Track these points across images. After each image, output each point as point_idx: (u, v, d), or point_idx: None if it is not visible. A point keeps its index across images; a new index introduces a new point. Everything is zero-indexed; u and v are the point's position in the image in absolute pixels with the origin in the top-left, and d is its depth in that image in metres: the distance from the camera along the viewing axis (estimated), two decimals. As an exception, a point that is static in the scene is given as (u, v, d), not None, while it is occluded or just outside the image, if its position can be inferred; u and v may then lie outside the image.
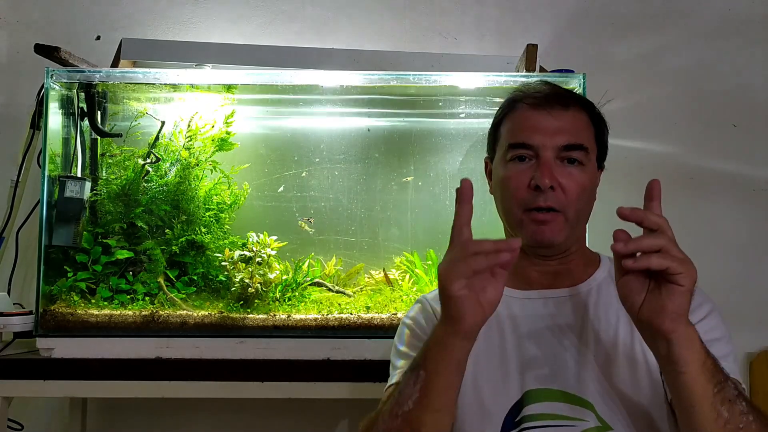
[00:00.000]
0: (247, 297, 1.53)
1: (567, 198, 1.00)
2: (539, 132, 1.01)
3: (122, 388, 1.46)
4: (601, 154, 1.08)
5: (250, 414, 1.85)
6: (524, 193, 1.01)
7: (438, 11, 1.94)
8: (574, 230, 1.03)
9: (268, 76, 1.64)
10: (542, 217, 0.99)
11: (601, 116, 1.10)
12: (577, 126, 1.03)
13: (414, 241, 1.73)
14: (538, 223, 1.00)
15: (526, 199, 1.00)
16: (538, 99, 1.04)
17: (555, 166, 1.00)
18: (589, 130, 1.05)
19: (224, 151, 1.67)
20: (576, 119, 1.04)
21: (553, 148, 1.00)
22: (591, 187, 1.04)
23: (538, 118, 1.02)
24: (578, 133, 1.03)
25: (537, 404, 0.95)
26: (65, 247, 1.55)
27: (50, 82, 1.55)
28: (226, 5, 1.94)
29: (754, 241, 1.88)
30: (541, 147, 1.00)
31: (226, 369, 1.44)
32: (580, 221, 1.04)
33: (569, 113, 1.03)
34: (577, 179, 1.01)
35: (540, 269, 1.07)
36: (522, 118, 1.04)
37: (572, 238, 1.04)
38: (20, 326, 1.50)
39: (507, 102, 1.09)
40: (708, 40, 1.92)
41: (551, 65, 1.69)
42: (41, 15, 1.93)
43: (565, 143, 1.01)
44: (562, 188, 0.99)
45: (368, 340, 1.47)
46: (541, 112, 1.03)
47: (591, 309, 1.02)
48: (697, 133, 1.90)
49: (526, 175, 1.01)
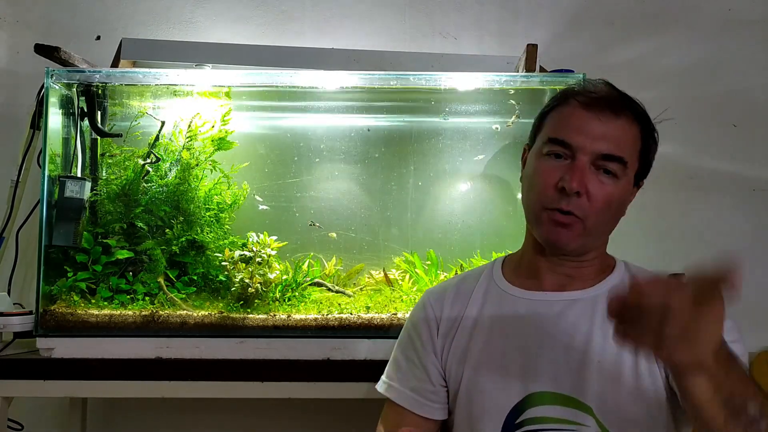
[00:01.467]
0: (247, 297, 1.53)
1: (591, 207, 0.96)
2: (582, 134, 0.97)
3: (122, 388, 1.46)
4: (641, 171, 1.04)
5: (250, 414, 1.85)
6: (550, 191, 0.98)
7: (438, 11, 1.94)
8: (590, 239, 1.00)
9: (268, 76, 1.64)
10: (561, 218, 0.97)
11: (652, 132, 1.05)
12: (623, 137, 0.98)
13: (414, 241, 1.73)
14: (556, 224, 0.97)
15: (550, 198, 0.98)
16: (590, 99, 0.99)
17: (588, 172, 0.96)
18: (634, 144, 1.00)
19: (223, 150, 1.67)
20: (624, 130, 0.99)
21: (591, 153, 0.96)
22: (620, 201, 1.00)
23: (584, 119, 0.98)
24: (621, 145, 0.98)
25: (538, 407, 0.95)
26: (65, 247, 1.55)
27: (50, 82, 1.55)
28: (227, 5, 1.94)
29: (754, 241, 1.88)
30: (580, 149, 0.97)
31: (226, 369, 1.44)
32: (599, 232, 1.01)
33: (619, 122, 0.98)
34: (607, 190, 0.97)
35: (553, 269, 1.04)
36: (569, 115, 1.00)
37: (587, 246, 1.02)
38: (20, 326, 1.50)
39: (560, 93, 1.05)
40: (708, 40, 1.92)
41: (551, 65, 1.69)
42: (41, 15, 1.93)
43: (605, 152, 0.97)
44: (588, 196, 0.96)
45: (368, 340, 1.47)
46: (590, 114, 0.98)
47: (599, 314, 0.99)
48: (697, 133, 1.90)
49: (556, 174, 0.97)
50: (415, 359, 1.08)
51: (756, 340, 1.80)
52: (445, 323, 1.08)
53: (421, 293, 1.55)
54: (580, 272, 1.04)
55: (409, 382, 1.08)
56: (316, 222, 1.69)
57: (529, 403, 0.96)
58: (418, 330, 1.10)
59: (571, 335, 0.99)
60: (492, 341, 1.02)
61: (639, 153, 1.01)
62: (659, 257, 1.79)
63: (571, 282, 1.04)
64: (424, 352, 1.07)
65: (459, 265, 1.65)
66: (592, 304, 1.01)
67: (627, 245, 1.84)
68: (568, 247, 0.99)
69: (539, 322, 1.01)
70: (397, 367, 1.11)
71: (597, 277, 1.05)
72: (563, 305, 1.01)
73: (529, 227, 1.07)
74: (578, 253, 1.02)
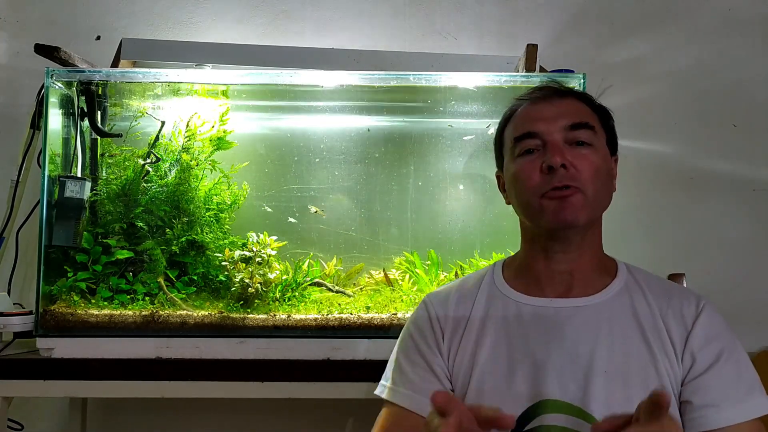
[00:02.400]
0: (247, 297, 1.53)
1: (582, 176, 0.97)
2: (541, 119, 1.01)
3: (122, 388, 1.46)
4: (610, 140, 1.06)
5: (250, 414, 1.85)
6: (538, 178, 0.99)
7: (438, 11, 1.94)
8: (593, 210, 1.00)
9: (268, 76, 1.64)
10: (560, 194, 0.97)
11: (602, 106, 1.09)
12: (579, 109, 1.03)
13: (414, 241, 1.73)
14: (558, 200, 0.97)
15: (541, 184, 0.98)
16: (535, 95, 1.05)
17: (565, 148, 0.99)
18: (591, 114, 1.04)
19: (223, 150, 1.67)
20: (575, 104, 1.04)
21: (559, 130, 0.99)
22: (606, 169, 1.02)
23: (537, 109, 1.03)
24: (581, 113, 1.02)
25: (546, 416, 0.94)
26: (65, 247, 1.55)
27: (50, 82, 1.55)
28: (227, 5, 1.94)
29: (754, 241, 1.88)
30: (546, 132, 1.00)
31: (226, 369, 1.44)
32: (599, 203, 1.01)
33: (567, 100, 1.04)
34: (590, 159, 0.99)
35: (552, 271, 1.03)
36: (522, 115, 1.05)
37: (592, 219, 1.01)
38: (20, 326, 1.50)
39: (507, 111, 1.10)
40: (708, 40, 1.92)
41: (551, 65, 1.69)
42: (41, 15, 1.93)
43: (570, 123, 1.00)
44: (575, 167, 0.97)
45: (368, 340, 1.47)
46: (540, 104, 1.03)
47: (605, 322, 0.98)
48: (697, 133, 1.90)
49: (537, 163, 0.99)
50: (421, 362, 1.05)
51: (756, 340, 1.80)
52: (451, 323, 1.06)
53: (422, 293, 1.56)
54: (579, 268, 1.03)
55: (415, 385, 1.04)
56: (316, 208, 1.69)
57: (537, 411, 0.94)
58: (422, 332, 1.08)
59: (576, 344, 0.97)
60: (498, 348, 1.00)
61: (600, 122, 1.05)
62: (659, 257, 1.79)
63: (573, 284, 1.02)
64: (430, 355, 1.05)
65: (459, 265, 1.66)
66: (596, 313, 0.99)
67: (627, 245, 1.85)
68: (578, 219, 0.98)
69: (544, 330, 0.99)
70: (400, 370, 1.08)
71: (599, 280, 1.04)
72: (568, 313, 1.00)
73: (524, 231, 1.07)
74: (583, 233, 1.02)
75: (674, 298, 1.01)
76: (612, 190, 1.05)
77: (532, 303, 1.02)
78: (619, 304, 1.01)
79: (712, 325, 0.98)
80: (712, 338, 0.97)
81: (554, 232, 1.01)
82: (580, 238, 1.02)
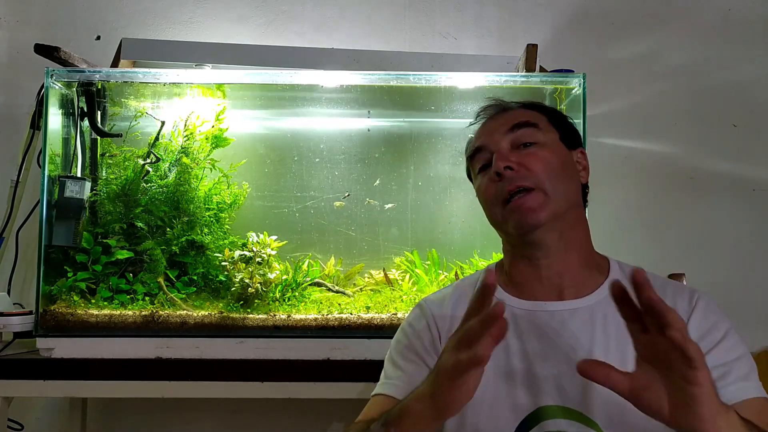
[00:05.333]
0: (247, 297, 1.53)
1: (534, 174, 0.98)
2: (486, 133, 1.06)
3: (122, 388, 1.46)
4: (566, 136, 1.06)
5: (250, 414, 1.85)
6: (493, 188, 1.01)
7: (438, 11, 1.94)
8: (558, 206, 0.99)
9: (268, 76, 1.64)
10: (518, 200, 0.98)
11: (555, 110, 1.11)
12: (521, 114, 1.06)
13: (414, 241, 1.73)
14: (517, 206, 0.98)
15: (497, 193, 1.00)
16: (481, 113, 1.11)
17: (509, 152, 1.01)
18: (538, 116, 1.06)
19: (221, 147, 1.67)
20: (519, 112, 1.07)
21: (501, 136, 1.03)
22: (560, 163, 1.02)
23: (484, 126, 1.09)
24: (524, 115, 1.05)
25: (547, 421, 0.93)
26: (65, 247, 1.56)
27: (50, 82, 1.55)
28: (227, 5, 1.94)
29: (754, 241, 1.87)
30: (491, 143, 1.04)
31: (226, 369, 1.44)
32: (561, 197, 1.00)
33: (510, 111, 1.08)
34: (539, 155, 1.00)
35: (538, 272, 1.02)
36: (474, 135, 1.11)
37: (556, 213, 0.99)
38: (20, 326, 1.50)
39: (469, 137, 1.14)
40: (708, 40, 1.92)
41: (551, 65, 1.69)
42: (41, 15, 1.93)
43: (510, 125, 1.03)
44: (523, 167, 0.99)
45: (368, 340, 1.47)
46: (488, 121, 1.09)
47: (600, 323, 0.97)
48: (697, 133, 1.90)
49: (490, 175, 1.02)
50: (418, 361, 1.04)
51: (756, 340, 1.80)
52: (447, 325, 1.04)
53: (422, 293, 1.56)
54: (568, 269, 1.02)
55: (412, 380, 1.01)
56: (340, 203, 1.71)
57: (539, 417, 0.94)
58: (418, 333, 1.06)
59: (573, 348, 0.96)
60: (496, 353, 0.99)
61: (548, 121, 1.06)
62: (659, 257, 1.79)
63: (563, 286, 1.01)
64: (426, 355, 1.04)
65: (459, 265, 1.66)
66: (590, 313, 0.99)
67: (627, 245, 1.85)
68: (539, 218, 0.98)
69: (541, 335, 0.98)
70: (393, 366, 1.06)
71: (591, 279, 1.02)
72: (563, 316, 0.99)
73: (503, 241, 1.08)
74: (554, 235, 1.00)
75: (668, 294, 1.00)
76: (578, 182, 1.05)
77: (526, 308, 1.01)
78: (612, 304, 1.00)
79: (706, 317, 0.97)
80: (708, 330, 0.96)
81: (524, 237, 1.01)
82: (557, 238, 1.00)
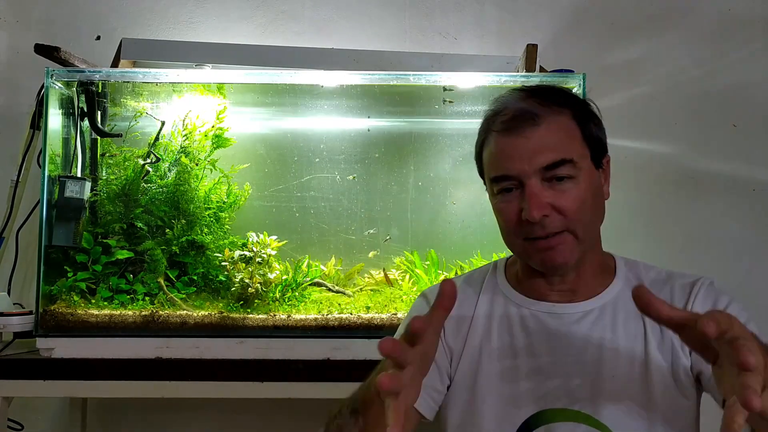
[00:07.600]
0: (247, 297, 1.53)
1: (568, 218, 0.91)
2: (514, 159, 0.92)
3: (122, 388, 1.46)
4: (595, 152, 0.97)
5: (250, 414, 1.85)
6: (519, 225, 0.93)
7: (438, 11, 1.94)
8: (585, 245, 0.95)
9: (268, 76, 1.64)
10: (546, 244, 0.92)
11: (585, 109, 0.98)
12: (555, 137, 0.92)
13: (414, 241, 1.73)
14: (545, 250, 0.93)
15: (524, 231, 0.93)
16: (505, 123, 0.94)
17: (543, 190, 0.91)
18: (572, 135, 0.94)
19: (222, 148, 1.67)
20: (552, 131, 0.92)
21: (535, 172, 0.91)
22: (593, 195, 0.95)
23: (509, 144, 0.93)
24: (559, 146, 0.92)
25: (549, 425, 0.92)
26: (65, 247, 1.56)
27: (50, 82, 1.55)
28: (227, 5, 1.94)
29: (754, 241, 1.88)
30: (521, 175, 0.91)
31: (226, 369, 1.44)
32: (590, 234, 0.96)
33: (542, 127, 0.92)
34: (574, 195, 0.91)
35: (551, 282, 1.00)
36: (495, 148, 0.95)
37: (586, 251, 0.97)
38: (20, 326, 1.50)
39: (481, 129, 1.01)
40: (708, 40, 1.92)
41: (551, 65, 1.69)
42: (41, 15, 1.93)
43: (546, 164, 0.90)
44: (558, 211, 0.91)
45: (368, 340, 1.47)
46: (512, 137, 0.93)
47: (609, 324, 0.96)
48: (696, 133, 1.90)
49: (515, 206, 0.93)
50: None
51: (756, 340, 1.80)
52: (454, 322, 1.02)
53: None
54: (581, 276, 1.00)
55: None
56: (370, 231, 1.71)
57: (543, 419, 0.93)
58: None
59: (582, 350, 0.95)
60: (503, 353, 0.98)
61: (582, 138, 0.95)
62: (659, 257, 1.78)
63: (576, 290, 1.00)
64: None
65: (459, 265, 1.66)
66: (600, 316, 0.98)
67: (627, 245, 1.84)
68: (569, 263, 0.95)
69: (549, 337, 0.97)
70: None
71: (600, 281, 1.01)
72: (572, 318, 0.98)
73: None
74: (580, 264, 0.98)
75: (673, 284, 1.00)
76: (602, 202, 0.99)
77: (536, 308, 1.00)
78: (621, 304, 0.99)
79: (707, 299, 0.96)
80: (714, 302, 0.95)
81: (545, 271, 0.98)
82: (576, 262, 0.97)
